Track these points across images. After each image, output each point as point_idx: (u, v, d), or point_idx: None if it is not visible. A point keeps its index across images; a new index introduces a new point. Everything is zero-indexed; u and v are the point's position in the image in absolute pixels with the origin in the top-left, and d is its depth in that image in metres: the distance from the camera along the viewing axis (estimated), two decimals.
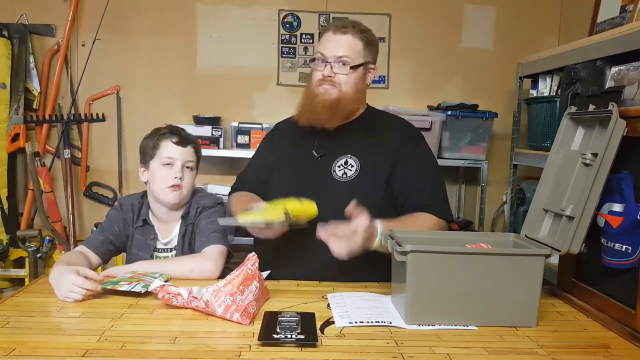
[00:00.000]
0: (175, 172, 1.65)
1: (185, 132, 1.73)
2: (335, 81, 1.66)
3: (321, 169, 1.69)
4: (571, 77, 1.98)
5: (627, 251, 1.24)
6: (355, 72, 1.66)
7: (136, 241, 1.71)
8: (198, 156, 1.74)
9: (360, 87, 1.70)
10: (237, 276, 1.24)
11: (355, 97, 1.69)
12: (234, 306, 1.20)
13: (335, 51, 1.66)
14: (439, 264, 1.22)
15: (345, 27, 1.68)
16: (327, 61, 1.66)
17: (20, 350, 1.03)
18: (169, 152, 1.66)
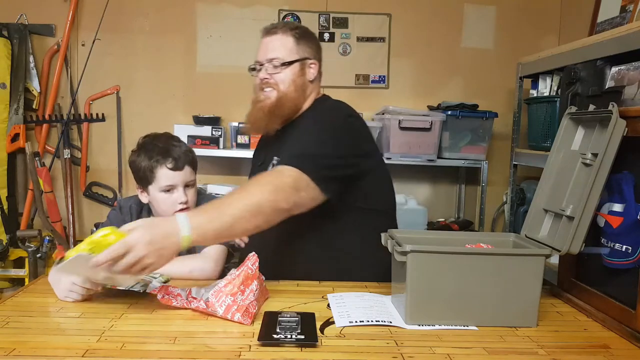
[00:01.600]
0: (179, 198, 1.60)
1: (177, 149, 1.62)
2: (272, 82, 1.64)
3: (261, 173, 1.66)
4: (571, 77, 1.98)
5: (627, 251, 1.24)
6: (289, 69, 1.64)
7: None
8: (195, 169, 1.68)
9: (299, 83, 1.66)
10: (238, 276, 1.23)
11: (295, 94, 1.66)
12: (235, 306, 1.20)
13: (266, 54, 1.66)
14: (439, 264, 1.22)
15: (274, 28, 1.68)
16: (262, 64, 1.66)
17: (20, 350, 1.03)
18: (167, 180, 1.59)
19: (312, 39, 1.73)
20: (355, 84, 3.23)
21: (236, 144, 2.93)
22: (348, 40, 3.20)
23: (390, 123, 2.85)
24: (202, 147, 2.88)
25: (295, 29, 1.69)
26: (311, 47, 1.70)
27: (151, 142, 1.65)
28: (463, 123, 2.92)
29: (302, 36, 1.68)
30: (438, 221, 3.15)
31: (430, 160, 2.93)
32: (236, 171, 3.18)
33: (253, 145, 2.88)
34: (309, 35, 1.72)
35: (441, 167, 3.06)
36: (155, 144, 1.64)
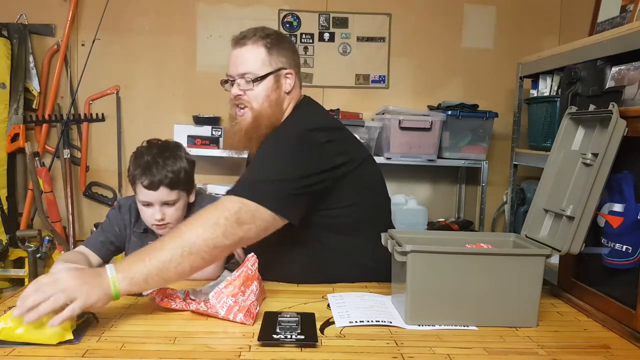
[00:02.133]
0: (154, 214, 1.59)
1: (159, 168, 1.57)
2: (245, 100, 1.55)
3: None
4: (571, 77, 1.98)
5: (627, 251, 1.24)
6: (262, 84, 1.53)
7: (133, 244, 1.69)
8: (180, 189, 1.61)
9: (274, 98, 1.55)
10: (238, 277, 1.23)
11: (271, 110, 1.55)
12: (237, 307, 1.20)
13: (236, 68, 1.55)
14: (439, 264, 1.22)
15: (244, 38, 1.56)
16: (233, 80, 1.56)
17: (20, 350, 1.03)
18: (143, 195, 1.59)
19: (285, 46, 1.59)
20: (355, 84, 3.23)
21: None
22: (348, 40, 3.20)
23: (390, 123, 2.85)
24: (202, 147, 2.87)
25: (267, 37, 1.55)
26: (285, 55, 1.57)
27: (142, 153, 1.62)
28: (463, 123, 2.92)
29: (275, 44, 1.55)
30: (438, 221, 3.15)
31: (431, 160, 2.93)
32: (236, 171, 3.18)
33: None
34: (282, 42, 1.58)
35: (441, 167, 3.06)
36: (144, 156, 1.60)
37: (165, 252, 1.20)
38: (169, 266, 1.20)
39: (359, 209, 1.57)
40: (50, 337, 1.04)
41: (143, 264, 1.18)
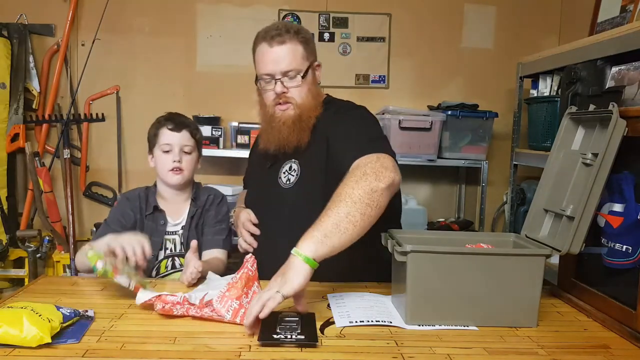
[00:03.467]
0: (174, 157, 1.75)
1: (182, 118, 1.82)
2: (289, 96, 1.56)
3: (271, 177, 1.66)
4: (571, 77, 1.98)
5: (627, 251, 1.24)
6: (306, 80, 1.58)
7: (147, 227, 1.76)
8: (196, 139, 1.81)
9: (314, 91, 1.61)
10: (240, 279, 1.24)
11: (313, 103, 1.60)
12: (242, 309, 1.20)
13: (279, 65, 1.54)
14: (439, 264, 1.22)
15: (281, 36, 1.55)
16: (275, 78, 1.55)
17: (20, 350, 1.03)
18: (166, 139, 1.76)
19: (312, 40, 1.66)
20: (355, 84, 3.22)
21: (236, 143, 2.92)
22: (348, 40, 3.20)
23: (390, 123, 2.85)
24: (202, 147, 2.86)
25: (299, 32, 1.59)
26: (313, 48, 1.64)
27: (164, 115, 1.84)
28: (463, 123, 2.92)
29: (307, 39, 1.61)
30: (438, 221, 3.15)
31: (431, 160, 2.92)
32: (236, 171, 3.17)
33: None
34: (310, 37, 1.65)
35: (441, 167, 3.06)
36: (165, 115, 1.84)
37: (332, 211, 1.23)
38: (343, 219, 1.22)
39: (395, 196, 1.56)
40: (30, 340, 1.03)
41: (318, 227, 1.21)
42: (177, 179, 1.76)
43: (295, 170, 1.61)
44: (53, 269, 2.89)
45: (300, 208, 1.53)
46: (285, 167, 1.63)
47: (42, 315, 1.07)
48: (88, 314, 1.20)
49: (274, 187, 1.63)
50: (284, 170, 1.63)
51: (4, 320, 1.05)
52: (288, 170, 1.62)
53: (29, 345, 1.03)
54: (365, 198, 1.26)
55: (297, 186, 1.58)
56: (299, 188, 1.58)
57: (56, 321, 1.08)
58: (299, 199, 1.57)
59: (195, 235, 1.76)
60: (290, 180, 1.61)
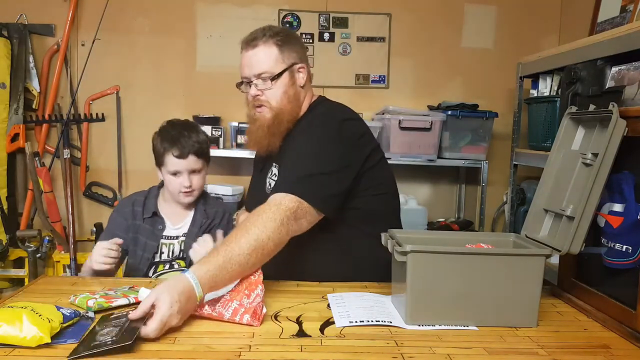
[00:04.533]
0: (183, 182, 1.74)
1: (186, 139, 1.73)
2: (263, 100, 1.57)
3: (260, 182, 1.70)
4: (571, 77, 1.97)
5: (627, 251, 1.24)
6: (279, 82, 1.57)
7: (144, 230, 1.78)
8: (204, 158, 1.78)
9: (291, 93, 1.59)
10: (240, 284, 1.26)
11: (289, 105, 1.59)
12: (242, 309, 1.20)
13: (252, 69, 1.57)
14: (439, 264, 1.22)
15: (255, 39, 1.57)
16: (250, 81, 1.58)
17: (20, 350, 1.03)
18: (172, 165, 1.74)
19: (295, 42, 1.63)
20: (355, 84, 3.23)
21: (236, 143, 2.93)
22: (348, 40, 3.20)
23: (390, 123, 2.85)
24: None
25: (276, 35, 1.57)
26: (296, 50, 1.61)
27: (167, 129, 1.78)
28: (463, 123, 2.92)
29: (285, 42, 1.58)
30: (438, 221, 3.15)
31: (431, 160, 2.92)
32: (236, 171, 3.18)
33: None
34: (291, 39, 1.62)
35: (441, 167, 3.06)
36: (169, 131, 1.77)
37: (240, 256, 1.26)
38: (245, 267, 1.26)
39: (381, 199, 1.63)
40: (29, 340, 1.03)
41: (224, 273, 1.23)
42: (189, 199, 1.78)
43: (276, 174, 1.62)
44: (53, 269, 2.89)
45: None
46: (272, 171, 1.65)
47: (42, 315, 1.07)
48: (89, 315, 1.21)
49: (261, 193, 1.63)
50: (270, 175, 1.65)
51: (4, 320, 1.05)
52: (270, 175, 1.65)
53: (29, 345, 1.03)
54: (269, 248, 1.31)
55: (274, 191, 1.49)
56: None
57: (56, 321, 1.08)
58: None
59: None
60: (271, 185, 1.61)
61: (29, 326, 1.03)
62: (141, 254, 1.76)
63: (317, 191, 1.43)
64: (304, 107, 1.66)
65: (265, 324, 1.21)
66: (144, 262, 1.75)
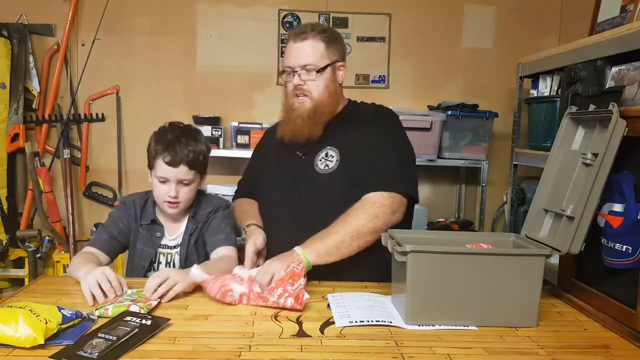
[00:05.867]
0: (169, 191, 1.64)
1: (181, 146, 1.62)
2: (305, 89, 1.66)
3: (304, 165, 1.72)
4: (571, 77, 1.98)
5: (627, 251, 1.24)
6: (322, 75, 1.67)
7: (141, 236, 1.72)
8: (197, 170, 1.67)
9: (332, 88, 1.69)
10: (285, 274, 1.34)
11: (330, 99, 1.69)
12: (287, 294, 1.29)
13: (299, 59, 1.66)
14: (439, 264, 1.22)
15: (304, 33, 1.67)
16: (294, 71, 1.67)
17: (20, 350, 1.03)
18: (161, 171, 1.63)
19: (340, 41, 1.74)
20: (355, 84, 3.22)
21: (236, 143, 2.92)
22: (348, 40, 3.19)
23: None
24: None
25: (324, 32, 1.69)
26: (339, 49, 1.72)
27: (165, 131, 1.68)
28: (463, 123, 2.92)
29: (331, 39, 1.69)
30: (438, 221, 3.15)
31: (431, 160, 2.92)
32: (236, 171, 3.17)
33: (253, 145, 2.88)
34: (337, 38, 1.73)
35: (441, 167, 3.05)
36: (166, 134, 1.66)
37: (339, 234, 1.52)
38: (345, 244, 1.52)
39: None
40: (23, 341, 1.03)
41: (322, 243, 1.50)
42: (172, 210, 1.67)
43: (334, 156, 1.69)
44: (53, 269, 2.89)
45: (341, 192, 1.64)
46: (322, 154, 1.70)
47: (39, 315, 1.07)
48: (91, 317, 1.20)
49: (309, 174, 1.69)
50: (320, 157, 1.70)
51: (1, 320, 1.05)
52: (325, 157, 1.70)
53: (23, 345, 1.03)
54: (367, 236, 1.54)
55: (337, 173, 1.67)
56: (338, 175, 1.66)
57: (54, 322, 1.08)
58: (338, 184, 1.66)
59: (194, 252, 1.71)
60: (328, 167, 1.68)
61: (23, 327, 1.04)
62: (137, 261, 1.71)
63: (407, 184, 1.64)
64: (341, 102, 1.77)
65: (265, 324, 1.21)
66: (140, 270, 1.69)
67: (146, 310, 1.24)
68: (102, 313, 1.23)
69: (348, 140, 1.69)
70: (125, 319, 1.15)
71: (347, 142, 1.69)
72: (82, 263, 1.52)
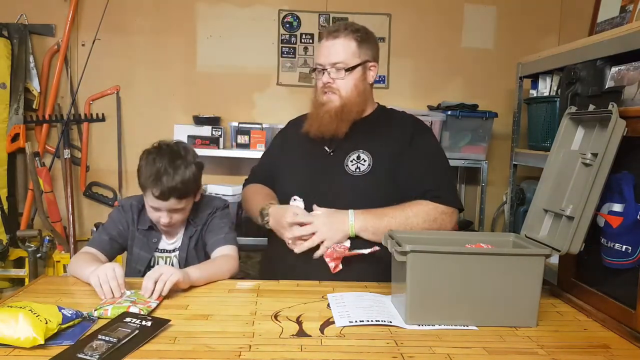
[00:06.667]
0: (162, 219, 1.64)
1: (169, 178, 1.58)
2: (334, 87, 1.67)
3: (334, 163, 1.72)
4: (571, 77, 1.97)
5: (627, 251, 1.24)
6: (352, 74, 1.68)
7: (138, 240, 1.72)
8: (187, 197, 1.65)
9: (361, 87, 1.70)
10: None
11: (358, 98, 1.70)
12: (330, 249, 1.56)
13: (329, 58, 1.68)
14: (439, 264, 1.22)
15: (337, 31, 1.69)
16: (325, 69, 1.68)
17: (20, 350, 1.03)
18: (152, 202, 1.63)
19: (372, 41, 1.75)
20: None
21: (236, 144, 2.92)
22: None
23: None
24: (202, 147, 2.87)
25: (357, 31, 1.70)
26: (372, 49, 1.73)
27: (154, 159, 1.63)
28: (463, 123, 2.92)
29: (364, 39, 1.70)
30: None
31: None
32: (236, 171, 3.18)
33: (253, 145, 2.89)
34: (369, 38, 1.74)
35: None
36: (155, 162, 1.61)
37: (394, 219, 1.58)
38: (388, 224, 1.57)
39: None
40: (23, 341, 1.03)
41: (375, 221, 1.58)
42: (167, 232, 1.72)
43: (366, 160, 1.69)
44: (53, 269, 2.89)
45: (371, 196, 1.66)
46: (353, 156, 1.70)
47: (39, 315, 1.07)
48: (91, 317, 1.20)
49: (339, 173, 1.69)
50: (352, 159, 1.70)
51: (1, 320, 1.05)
52: (356, 159, 1.70)
53: (23, 345, 1.03)
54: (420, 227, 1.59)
55: (369, 176, 1.67)
56: (371, 178, 1.67)
57: (54, 322, 1.08)
58: (370, 188, 1.66)
59: (194, 255, 1.71)
60: (360, 169, 1.68)
61: (23, 327, 1.04)
62: (134, 265, 1.71)
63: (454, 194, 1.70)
64: (369, 104, 1.78)
65: (265, 324, 1.21)
66: (136, 274, 1.67)
67: (146, 311, 1.24)
68: (101, 314, 1.23)
69: (384, 147, 1.70)
70: (125, 320, 1.15)
71: (383, 148, 1.70)
72: (88, 261, 1.53)
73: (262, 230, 1.77)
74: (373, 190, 1.66)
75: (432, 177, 1.68)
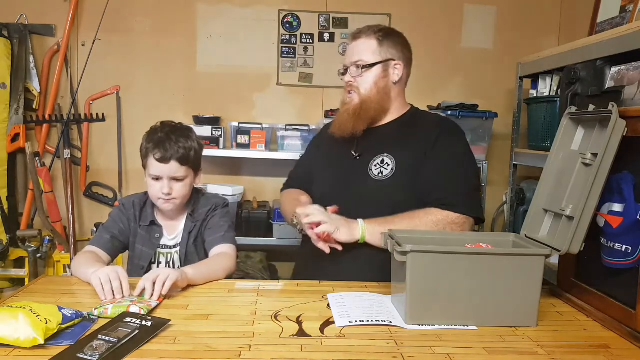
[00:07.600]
0: (162, 188, 1.64)
1: (171, 143, 1.63)
2: (354, 85, 1.70)
3: (358, 168, 1.71)
4: (571, 77, 1.98)
5: (627, 251, 1.24)
6: (371, 72, 1.69)
7: (140, 237, 1.73)
8: (189, 166, 1.67)
9: (381, 85, 1.71)
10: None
11: (378, 96, 1.71)
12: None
13: (351, 57, 1.72)
14: (439, 264, 1.22)
15: (360, 32, 1.73)
16: (347, 68, 1.72)
17: (20, 350, 1.03)
18: (153, 169, 1.64)
19: (397, 41, 1.76)
20: None
21: (236, 144, 2.93)
22: (348, 40, 3.19)
23: None
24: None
25: (379, 31, 1.72)
26: (396, 48, 1.74)
27: (156, 130, 1.68)
28: (463, 123, 2.91)
29: (386, 37, 1.72)
30: None
31: None
32: (236, 171, 3.18)
33: (253, 146, 2.90)
34: (394, 37, 1.75)
35: None
36: (157, 132, 1.67)
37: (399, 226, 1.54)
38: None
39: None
40: (23, 341, 1.03)
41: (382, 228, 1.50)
42: (168, 206, 1.67)
43: (390, 164, 1.67)
44: (53, 269, 2.89)
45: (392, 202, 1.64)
46: (377, 160, 1.69)
47: (40, 315, 1.07)
48: (91, 316, 1.20)
49: (362, 177, 1.69)
50: (376, 163, 1.69)
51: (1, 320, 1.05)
52: (380, 164, 1.68)
53: (23, 345, 1.03)
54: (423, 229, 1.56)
55: (391, 181, 1.65)
56: (393, 183, 1.65)
57: (54, 322, 1.08)
58: (392, 193, 1.65)
59: (194, 251, 1.71)
60: (383, 174, 1.67)
61: (23, 327, 1.04)
62: (137, 262, 1.71)
63: (476, 204, 1.65)
64: (397, 105, 1.77)
65: (265, 324, 1.21)
66: (139, 271, 1.67)
67: (146, 311, 1.24)
68: (101, 313, 1.23)
69: (408, 151, 1.67)
70: (125, 320, 1.16)
71: (407, 152, 1.67)
72: (90, 261, 1.53)
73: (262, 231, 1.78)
74: (393, 195, 1.63)
75: (447, 184, 1.63)
